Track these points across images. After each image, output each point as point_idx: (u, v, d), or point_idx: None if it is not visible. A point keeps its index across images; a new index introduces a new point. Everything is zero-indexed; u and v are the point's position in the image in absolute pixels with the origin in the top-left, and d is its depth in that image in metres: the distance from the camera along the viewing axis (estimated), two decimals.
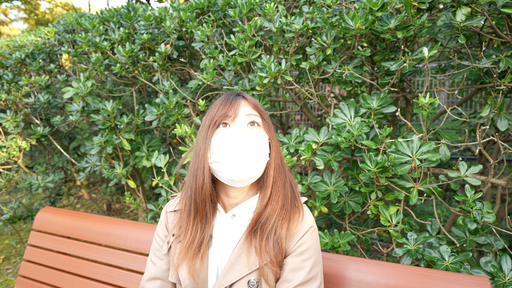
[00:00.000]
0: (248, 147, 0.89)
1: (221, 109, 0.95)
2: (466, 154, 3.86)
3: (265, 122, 0.98)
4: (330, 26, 1.54)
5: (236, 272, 0.90)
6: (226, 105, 0.95)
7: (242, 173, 0.89)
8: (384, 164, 1.30)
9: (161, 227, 1.06)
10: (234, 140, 0.89)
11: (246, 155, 0.89)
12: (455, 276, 1.06)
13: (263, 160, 0.93)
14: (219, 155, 0.90)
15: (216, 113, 0.95)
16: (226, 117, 0.94)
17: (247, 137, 0.90)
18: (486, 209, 1.26)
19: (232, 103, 0.95)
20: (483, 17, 1.33)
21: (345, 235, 1.46)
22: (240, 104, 0.96)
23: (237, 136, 0.90)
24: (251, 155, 0.89)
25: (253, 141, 0.91)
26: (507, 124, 1.45)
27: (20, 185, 2.51)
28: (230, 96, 0.99)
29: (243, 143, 0.89)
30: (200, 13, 2.05)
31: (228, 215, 0.97)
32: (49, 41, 2.67)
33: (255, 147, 0.91)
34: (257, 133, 0.93)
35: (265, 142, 0.94)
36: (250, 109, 0.96)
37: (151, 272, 1.02)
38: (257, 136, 0.92)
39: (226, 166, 0.89)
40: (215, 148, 0.91)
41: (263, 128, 0.97)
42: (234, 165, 0.88)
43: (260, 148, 0.92)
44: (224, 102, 0.96)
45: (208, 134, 0.94)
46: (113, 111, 2.07)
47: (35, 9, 11.39)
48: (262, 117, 0.98)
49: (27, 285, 1.72)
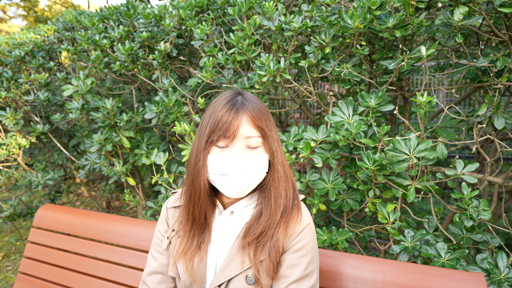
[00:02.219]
0: (243, 173, 0.89)
1: (220, 126, 0.88)
2: (464, 152, 3.87)
3: (266, 139, 0.93)
4: (329, 25, 1.55)
5: (234, 268, 0.92)
6: (227, 122, 0.88)
7: (237, 193, 0.92)
8: (382, 162, 1.31)
9: (162, 222, 1.08)
10: (229, 165, 0.89)
11: (241, 180, 0.89)
12: (450, 273, 1.07)
13: (259, 178, 0.94)
14: (215, 176, 0.91)
15: (215, 127, 0.89)
16: (224, 137, 0.89)
17: (243, 163, 0.89)
18: (482, 207, 1.27)
19: (233, 119, 0.88)
20: (480, 16, 1.34)
21: (343, 233, 1.48)
22: (241, 123, 0.89)
23: (232, 161, 0.88)
24: (246, 180, 0.90)
25: (249, 166, 0.90)
26: (504, 122, 1.46)
27: (19, 182, 2.52)
28: (233, 106, 0.90)
29: (238, 169, 0.88)
30: (200, 11, 2.06)
31: (227, 211, 0.98)
32: (48, 39, 2.67)
33: (251, 171, 0.90)
34: (255, 157, 0.91)
35: (264, 163, 0.93)
36: (250, 130, 0.90)
37: (151, 266, 1.04)
38: (254, 160, 0.91)
39: (220, 186, 0.92)
40: (212, 167, 0.91)
41: (264, 147, 0.93)
42: (229, 188, 0.91)
43: (257, 170, 0.92)
44: (226, 115, 0.89)
45: (206, 149, 0.91)
46: (113, 109, 2.08)
47: (34, 6, 11.35)
48: (264, 135, 0.92)
49: (27, 281, 1.73)
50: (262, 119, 0.92)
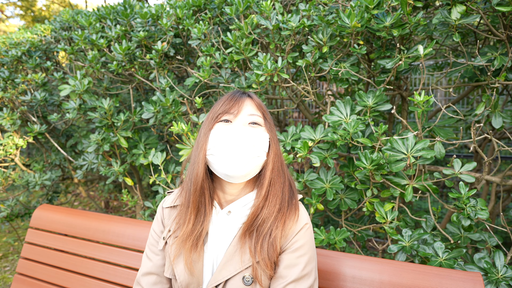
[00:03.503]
0: (245, 144, 0.90)
1: (225, 105, 0.97)
2: (462, 151, 3.88)
3: (267, 123, 1.00)
4: (327, 24, 1.54)
5: (231, 268, 0.91)
6: (231, 102, 0.97)
7: (237, 168, 0.89)
8: (379, 162, 1.31)
9: (157, 223, 1.07)
10: (232, 135, 0.91)
11: (242, 151, 0.90)
12: (448, 272, 1.07)
13: (260, 158, 0.94)
14: (216, 148, 0.92)
15: (219, 108, 0.97)
16: (228, 113, 0.96)
17: (246, 134, 0.91)
18: (480, 206, 1.27)
19: (237, 100, 0.97)
20: (478, 15, 1.34)
21: (341, 232, 1.47)
22: (244, 103, 0.98)
23: (235, 132, 0.91)
24: (247, 152, 0.90)
25: (251, 138, 0.92)
26: (502, 121, 1.46)
27: (17, 183, 2.51)
28: (237, 93, 1.00)
29: (240, 139, 0.90)
30: (197, 11, 2.05)
31: (224, 211, 0.98)
32: (45, 39, 2.66)
33: (252, 145, 0.91)
34: (257, 131, 0.94)
35: (265, 141, 0.96)
36: (253, 109, 0.98)
37: (146, 267, 1.03)
38: (256, 134, 0.93)
39: (221, 160, 0.91)
40: (213, 140, 0.93)
41: (265, 128, 0.99)
42: (229, 160, 0.89)
43: (258, 146, 0.93)
44: (230, 99, 0.98)
45: (209, 126, 0.96)
46: (110, 109, 2.07)
47: (32, 6, 11.31)
48: (265, 118, 1.00)
49: (25, 282, 1.73)
50: (263, 106, 1.02)
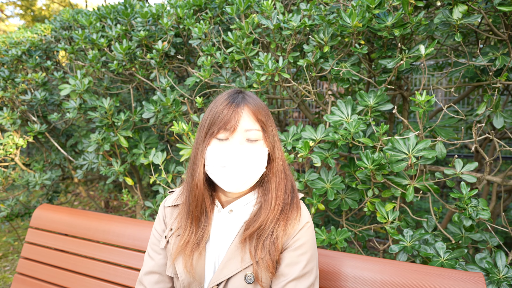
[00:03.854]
0: (242, 165, 0.88)
1: (221, 118, 0.89)
2: (463, 151, 3.87)
3: (266, 133, 0.94)
4: (328, 24, 1.54)
5: (233, 266, 0.91)
6: (227, 114, 0.89)
7: (235, 187, 0.91)
8: (380, 162, 1.31)
9: (159, 222, 1.07)
10: (229, 156, 0.88)
11: (240, 172, 0.89)
12: (449, 272, 1.07)
13: (258, 172, 0.93)
14: (214, 168, 0.91)
15: (215, 120, 0.90)
16: (225, 130, 0.89)
17: (243, 155, 0.89)
18: (481, 206, 1.27)
19: (233, 112, 0.89)
20: (479, 15, 1.33)
21: (341, 232, 1.47)
22: (242, 116, 0.90)
23: (232, 153, 0.88)
24: (245, 173, 0.89)
25: (249, 158, 0.89)
26: (503, 121, 1.46)
27: (17, 182, 2.51)
28: (234, 100, 0.92)
29: (237, 161, 0.88)
30: (198, 10, 2.04)
31: (226, 210, 0.98)
32: (45, 38, 2.65)
33: (250, 164, 0.90)
34: (254, 149, 0.91)
35: (263, 157, 0.93)
36: (251, 122, 0.91)
37: (148, 266, 1.03)
38: (254, 152, 0.91)
39: (220, 180, 0.91)
40: (210, 159, 0.91)
41: (264, 140, 0.94)
42: (227, 181, 0.90)
43: (256, 164, 0.91)
44: (226, 109, 0.90)
45: (205, 141, 0.92)
46: (110, 109, 2.07)
47: (32, 5, 11.30)
48: (264, 128, 0.93)
49: (25, 282, 1.72)
50: (262, 113, 0.94)
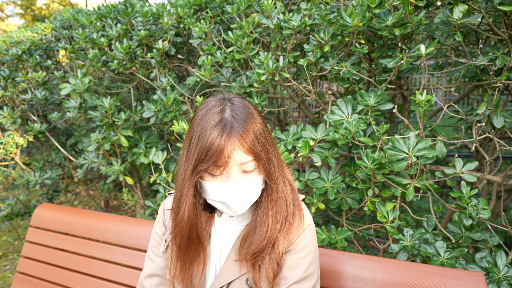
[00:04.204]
0: (243, 198, 0.87)
1: (209, 156, 0.80)
2: (463, 151, 3.87)
3: (260, 162, 0.86)
4: (328, 23, 1.54)
5: (234, 271, 0.91)
6: (217, 150, 0.80)
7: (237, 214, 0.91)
8: (381, 161, 1.31)
9: (159, 225, 1.06)
10: (228, 194, 0.85)
11: (241, 205, 0.88)
12: (450, 272, 1.07)
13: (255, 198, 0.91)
14: (214, 202, 0.89)
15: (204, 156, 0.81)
16: (216, 166, 0.82)
17: (242, 190, 0.86)
18: (482, 206, 1.27)
19: (224, 147, 0.80)
20: (480, 15, 1.33)
21: (342, 231, 1.47)
22: (233, 151, 0.81)
23: (231, 191, 0.85)
24: (246, 203, 0.89)
25: (248, 191, 0.87)
26: (503, 121, 1.46)
27: (17, 181, 2.51)
28: (222, 130, 0.81)
29: (238, 196, 0.86)
30: (198, 10, 2.04)
31: (227, 215, 0.97)
32: (46, 37, 2.65)
33: (250, 195, 0.88)
34: (251, 182, 0.87)
35: (258, 184, 0.89)
36: (243, 156, 0.82)
37: (149, 269, 1.02)
38: (252, 186, 0.87)
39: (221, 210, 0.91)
40: (209, 193, 0.88)
41: (258, 169, 0.88)
42: (229, 212, 0.90)
43: (254, 192, 0.89)
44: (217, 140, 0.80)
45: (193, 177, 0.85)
46: (111, 108, 2.07)
47: (32, 4, 11.29)
48: (258, 157, 0.85)
49: (25, 281, 1.73)
50: (254, 140, 0.84)
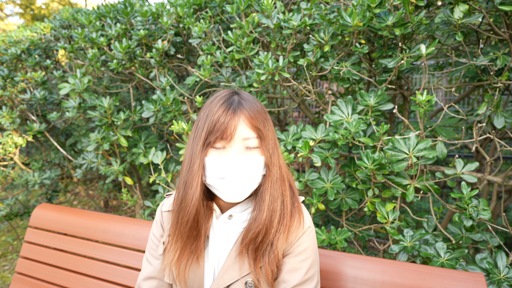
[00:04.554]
0: (242, 175, 0.87)
1: (217, 127, 0.86)
2: (463, 151, 3.87)
3: (263, 141, 0.91)
4: (328, 23, 1.53)
5: (233, 273, 0.90)
6: (224, 123, 0.86)
7: (234, 198, 0.89)
8: (381, 161, 1.30)
9: (157, 227, 1.05)
10: (227, 168, 0.86)
11: (239, 183, 0.87)
12: (450, 273, 1.06)
13: (256, 180, 0.91)
14: (213, 179, 0.89)
15: (212, 128, 0.87)
16: (222, 139, 0.87)
17: (242, 165, 0.87)
18: (482, 206, 1.26)
19: (230, 119, 0.87)
20: (480, 15, 1.33)
21: (342, 232, 1.47)
22: (239, 124, 0.87)
23: (231, 164, 0.86)
24: (244, 183, 0.88)
25: (247, 168, 0.88)
26: (504, 121, 1.46)
27: (16, 181, 2.50)
28: (230, 106, 0.89)
29: (236, 172, 0.86)
30: (198, 9, 2.04)
31: (225, 215, 0.96)
32: (45, 37, 2.65)
33: (249, 174, 0.88)
34: (253, 159, 0.89)
35: (260, 166, 0.91)
36: (248, 131, 0.88)
37: (147, 271, 1.01)
38: (252, 162, 0.89)
39: (218, 191, 0.90)
40: (209, 170, 0.89)
41: (261, 149, 0.91)
42: (226, 191, 0.88)
43: (254, 173, 0.89)
44: (223, 116, 0.87)
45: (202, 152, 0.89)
46: (110, 108, 2.06)
47: (31, 4, 11.28)
48: (261, 136, 0.90)
49: (24, 281, 1.72)
50: (259, 119, 0.90)
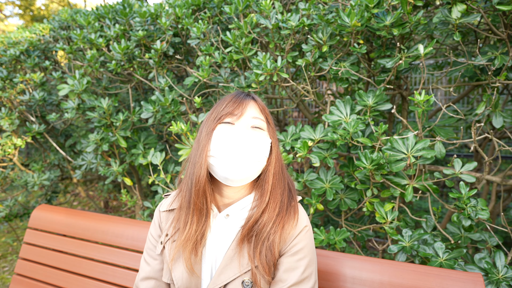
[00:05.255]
0: (247, 147, 0.89)
1: (229, 106, 0.94)
2: (463, 150, 3.87)
3: (269, 127, 0.98)
4: (326, 23, 1.53)
5: (230, 272, 0.90)
6: (235, 104, 0.95)
7: (237, 172, 0.88)
8: (379, 162, 1.30)
9: (155, 227, 1.05)
10: (234, 138, 0.89)
11: (244, 154, 0.89)
12: (448, 273, 1.06)
13: (261, 162, 0.93)
14: (218, 150, 0.90)
15: (223, 108, 0.95)
16: (231, 115, 0.93)
17: (248, 137, 0.90)
18: (480, 206, 1.26)
19: (241, 102, 0.95)
20: (478, 14, 1.33)
21: (341, 232, 1.47)
22: (248, 105, 0.96)
23: (238, 134, 0.90)
24: (249, 156, 0.89)
25: (254, 142, 0.91)
26: (502, 121, 1.46)
27: (15, 182, 2.50)
28: (240, 94, 0.98)
29: (243, 143, 0.89)
30: (196, 10, 2.04)
31: (222, 214, 0.96)
32: (44, 38, 2.65)
33: (255, 148, 0.90)
34: (259, 135, 0.93)
35: (266, 146, 0.94)
36: (257, 112, 0.96)
37: (145, 271, 1.02)
38: (259, 138, 0.92)
39: (222, 162, 0.89)
40: (215, 142, 0.91)
41: (267, 132, 0.97)
42: (230, 163, 0.88)
43: (260, 150, 0.92)
44: (234, 100, 0.96)
45: (211, 127, 0.94)
46: (109, 109, 2.06)
47: (31, 5, 11.29)
48: (268, 122, 0.98)
49: (23, 283, 1.72)
50: (266, 110, 1.00)
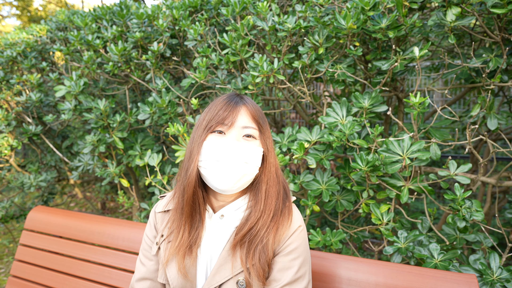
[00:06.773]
0: (237, 159, 0.88)
1: (219, 114, 0.91)
2: (459, 152, 3.88)
3: (262, 135, 0.95)
4: (323, 25, 1.54)
5: (225, 272, 0.91)
6: (226, 111, 0.91)
7: (227, 183, 0.89)
8: (375, 163, 1.31)
9: (150, 228, 1.06)
10: (224, 150, 0.88)
11: (233, 167, 0.88)
12: (443, 274, 1.07)
13: (251, 174, 0.92)
14: (208, 162, 0.89)
15: (214, 116, 0.92)
16: (222, 124, 0.91)
17: (238, 149, 0.88)
18: (475, 208, 1.27)
19: (232, 109, 0.92)
20: (473, 17, 1.34)
21: (337, 234, 1.47)
22: (239, 113, 0.92)
23: (228, 147, 0.88)
24: (239, 168, 0.88)
25: (244, 153, 0.89)
26: (497, 123, 1.47)
27: (12, 184, 2.49)
28: (232, 100, 0.94)
29: (232, 154, 0.88)
30: (193, 11, 2.04)
31: (217, 215, 0.97)
32: (41, 39, 2.64)
33: (245, 161, 0.89)
34: (250, 146, 0.91)
35: (258, 156, 0.93)
36: (248, 121, 0.93)
37: (140, 272, 1.02)
38: (249, 149, 0.90)
39: (212, 174, 0.89)
40: (205, 153, 0.90)
41: (259, 141, 0.95)
42: (220, 175, 0.88)
43: (250, 161, 0.90)
44: (225, 107, 0.92)
45: (202, 137, 0.92)
46: (106, 110, 2.06)
47: (28, 6, 11.26)
48: (260, 129, 0.95)
49: (19, 285, 1.71)
50: (259, 115, 0.96)
